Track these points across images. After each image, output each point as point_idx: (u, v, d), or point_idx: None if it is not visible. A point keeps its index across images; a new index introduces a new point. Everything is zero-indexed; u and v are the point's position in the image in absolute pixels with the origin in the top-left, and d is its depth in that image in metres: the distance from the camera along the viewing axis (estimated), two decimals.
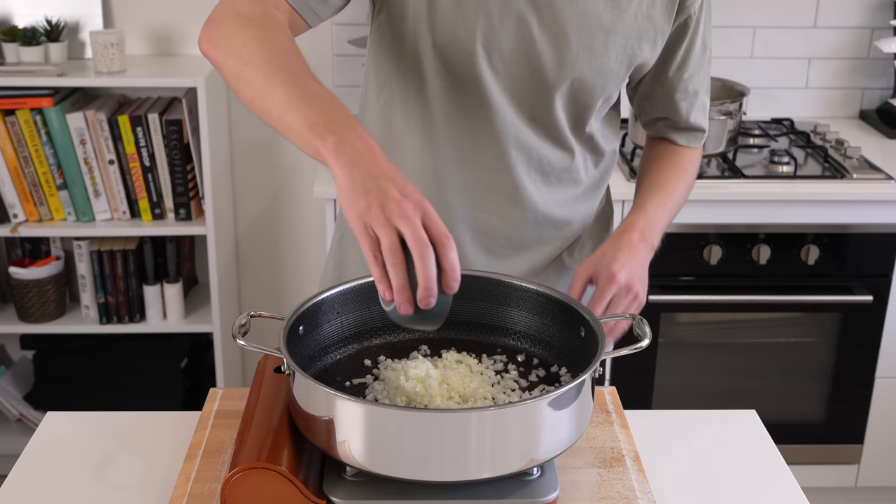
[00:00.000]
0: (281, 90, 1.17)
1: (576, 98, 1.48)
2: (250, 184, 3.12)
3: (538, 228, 1.57)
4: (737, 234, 2.66)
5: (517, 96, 1.46)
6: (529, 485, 1.18)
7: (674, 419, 1.50)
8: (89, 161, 2.75)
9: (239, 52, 1.23)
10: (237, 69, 1.22)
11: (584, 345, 1.28)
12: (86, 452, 1.38)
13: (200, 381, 3.07)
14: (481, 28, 1.40)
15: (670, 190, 1.59)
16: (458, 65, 1.43)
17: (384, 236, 1.06)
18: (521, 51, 1.42)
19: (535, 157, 1.51)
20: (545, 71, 1.44)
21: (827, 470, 2.90)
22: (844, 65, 3.14)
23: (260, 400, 1.27)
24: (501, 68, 1.43)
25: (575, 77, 1.45)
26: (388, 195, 1.07)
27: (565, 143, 1.53)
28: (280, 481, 1.15)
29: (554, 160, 1.53)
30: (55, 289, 2.89)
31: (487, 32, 1.40)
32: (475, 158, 1.50)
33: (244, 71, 1.21)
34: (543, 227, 1.57)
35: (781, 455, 1.40)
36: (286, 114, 1.16)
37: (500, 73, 1.44)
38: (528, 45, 1.42)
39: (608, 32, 1.43)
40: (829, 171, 2.74)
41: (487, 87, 1.44)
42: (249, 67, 1.21)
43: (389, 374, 1.28)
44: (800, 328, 2.82)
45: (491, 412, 1.12)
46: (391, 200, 1.06)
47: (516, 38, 1.41)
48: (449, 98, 1.46)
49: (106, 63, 2.71)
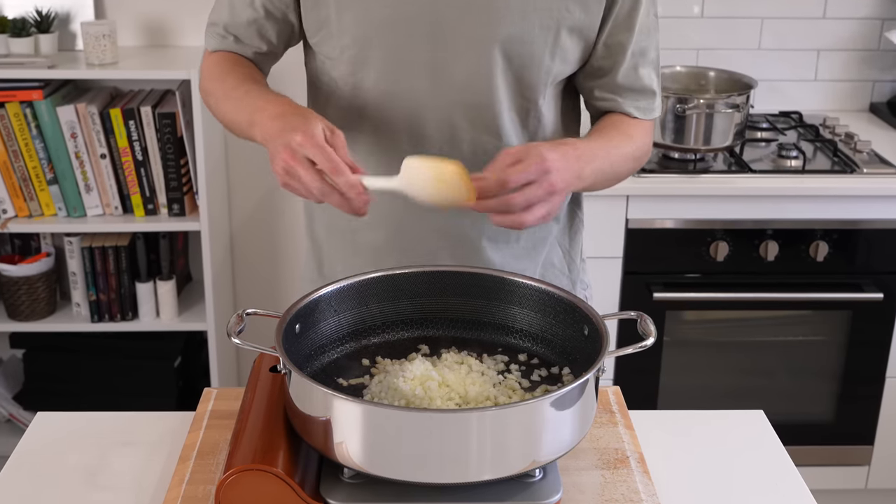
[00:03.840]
0: (240, 113, 1.48)
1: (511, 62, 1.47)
2: (245, 178, 3.12)
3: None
4: (744, 230, 2.66)
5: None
6: (531, 487, 1.18)
7: (679, 419, 1.50)
8: (80, 155, 2.75)
9: (211, 94, 1.59)
10: (214, 107, 1.58)
11: (588, 343, 1.28)
12: (77, 454, 1.38)
13: (194, 380, 3.07)
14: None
15: (614, 143, 1.52)
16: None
17: (303, 180, 1.28)
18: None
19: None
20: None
21: (836, 472, 2.90)
22: (854, 56, 3.14)
23: (255, 400, 1.27)
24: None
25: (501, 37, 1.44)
26: (293, 138, 1.28)
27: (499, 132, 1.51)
28: (276, 483, 1.15)
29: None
30: (45, 286, 2.89)
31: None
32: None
33: (216, 105, 1.57)
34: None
35: (790, 456, 1.41)
36: (234, 120, 1.49)
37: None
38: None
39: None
40: (839, 165, 2.74)
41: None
42: (219, 101, 1.56)
43: (387, 376, 1.28)
44: (809, 326, 2.82)
45: (492, 412, 1.12)
46: (292, 141, 1.28)
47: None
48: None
49: (97, 55, 2.71)
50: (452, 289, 1.40)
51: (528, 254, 1.62)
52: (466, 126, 1.50)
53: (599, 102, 1.58)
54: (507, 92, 1.49)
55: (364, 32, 1.46)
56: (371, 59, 1.47)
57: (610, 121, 1.57)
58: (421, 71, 1.46)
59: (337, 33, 1.48)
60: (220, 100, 1.54)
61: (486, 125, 1.50)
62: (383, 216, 1.53)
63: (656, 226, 1.57)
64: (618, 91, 1.56)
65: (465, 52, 1.45)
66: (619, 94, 1.56)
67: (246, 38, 1.57)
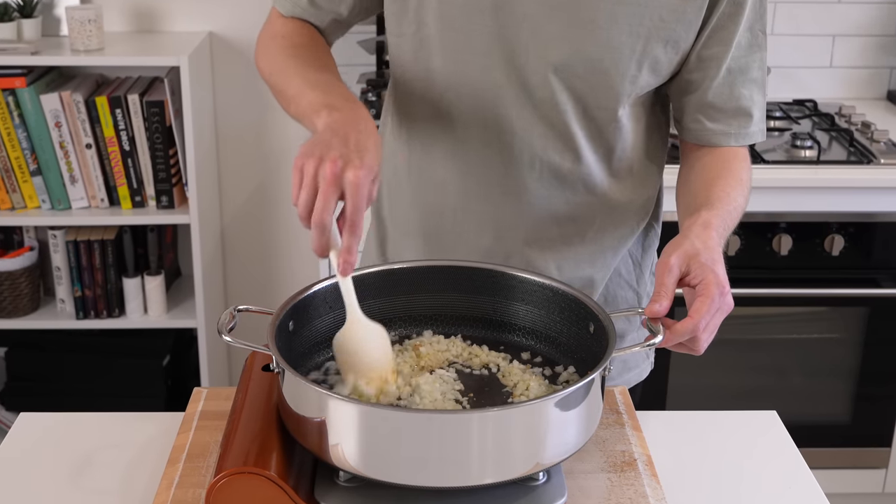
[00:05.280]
0: (294, 86, 1.39)
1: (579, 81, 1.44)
2: (237, 169, 3.12)
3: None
4: (756, 224, 2.66)
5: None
6: (535, 491, 1.18)
7: (689, 420, 1.50)
8: (65, 145, 2.75)
9: (273, 67, 1.48)
10: (272, 80, 1.47)
11: (593, 341, 1.28)
12: (61, 456, 1.38)
13: (184, 379, 3.07)
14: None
15: (732, 199, 1.46)
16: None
17: (307, 185, 1.18)
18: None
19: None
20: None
21: (853, 475, 2.90)
22: (871, 42, 3.13)
23: (247, 400, 1.27)
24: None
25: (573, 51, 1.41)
26: (330, 154, 1.18)
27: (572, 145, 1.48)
28: (268, 487, 1.15)
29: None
30: (28, 281, 2.89)
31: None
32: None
33: (275, 80, 1.46)
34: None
35: (804, 459, 1.41)
36: (296, 103, 1.37)
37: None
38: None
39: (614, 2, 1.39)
40: (855, 155, 2.74)
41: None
42: (280, 76, 1.45)
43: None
44: (824, 323, 2.82)
45: (494, 413, 1.12)
46: (329, 160, 1.17)
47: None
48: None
49: (83, 41, 2.71)
50: (452, 284, 1.40)
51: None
52: (537, 126, 1.46)
53: (691, 124, 1.52)
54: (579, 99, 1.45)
55: (440, 14, 1.42)
56: (433, 42, 1.44)
57: (714, 169, 1.50)
58: (491, 61, 1.43)
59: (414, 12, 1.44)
60: (290, 80, 1.42)
61: (557, 128, 1.46)
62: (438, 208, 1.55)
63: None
64: (708, 112, 1.50)
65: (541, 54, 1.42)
66: (710, 115, 1.50)
67: (324, 2, 1.51)
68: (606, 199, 1.54)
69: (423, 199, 1.55)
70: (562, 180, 1.50)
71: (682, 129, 1.56)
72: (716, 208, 1.41)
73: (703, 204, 1.42)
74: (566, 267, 1.56)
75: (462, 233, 1.55)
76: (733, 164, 1.52)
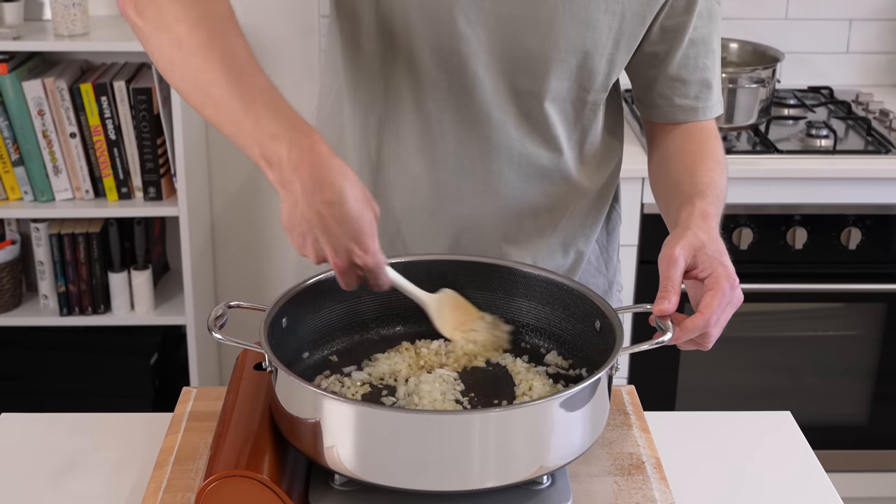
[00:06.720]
0: (220, 87, 1.21)
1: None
2: (227, 159, 3.12)
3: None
4: (770, 216, 2.66)
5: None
6: (539, 495, 1.18)
7: (700, 421, 1.50)
8: (48, 134, 2.75)
9: (171, 29, 1.24)
10: (169, 51, 1.24)
11: (600, 339, 1.28)
12: (44, 458, 1.38)
13: (172, 379, 3.07)
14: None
15: (717, 181, 1.46)
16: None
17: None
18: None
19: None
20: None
21: (870, 478, 2.91)
22: (889, 26, 3.13)
23: (238, 400, 1.27)
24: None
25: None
26: (327, 249, 1.20)
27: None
28: (261, 491, 1.15)
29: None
30: (10, 276, 2.89)
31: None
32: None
33: (176, 55, 1.23)
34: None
35: (819, 461, 1.41)
36: (225, 117, 1.24)
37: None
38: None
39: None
40: (873, 145, 2.74)
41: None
42: (184, 52, 1.23)
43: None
44: (840, 320, 2.82)
45: (496, 414, 1.12)
46: (329, 254, 1.20)
47: None
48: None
49: (67, 25, 2.70)
50: (452, 279, 1.39)
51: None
52: (512, 106, 1.46)
53: (658, 100, 1.52)
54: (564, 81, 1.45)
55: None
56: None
57: (692, 152, 1.50)
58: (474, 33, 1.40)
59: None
60: (194, 60, 1.23)
61: (533, 112, 1.47)
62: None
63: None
64: (674, 85, 1.50)
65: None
66: (676, 89, 1.50)
67: None
68: (579, 186, 1.55)
69: (396, 195, 1.53)
70: (540, 171, 1.50)
71: (647, 109, 1.56)
72: (707, 196, 1.41)
73: (693, 192, 1.42)
74: (540, 258, 1.56)
75: (436, 230, 1.54)
76: (707, 144, 1.53)
